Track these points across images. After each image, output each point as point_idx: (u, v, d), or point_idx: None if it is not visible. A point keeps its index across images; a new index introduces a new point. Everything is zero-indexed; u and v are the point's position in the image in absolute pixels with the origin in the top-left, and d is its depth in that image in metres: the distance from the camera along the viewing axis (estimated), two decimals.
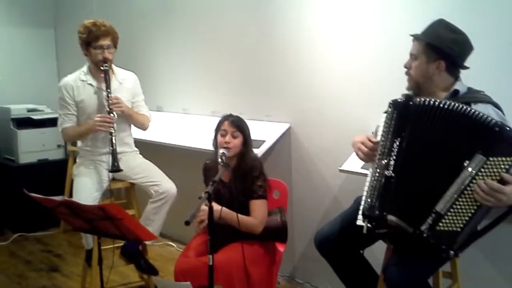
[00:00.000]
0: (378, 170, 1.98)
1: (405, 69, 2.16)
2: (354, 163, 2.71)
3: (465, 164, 1.80)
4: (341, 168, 2.73)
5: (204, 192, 2.04)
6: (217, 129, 2.61)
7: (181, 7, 3.95)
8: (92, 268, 2.99)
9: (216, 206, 2.37)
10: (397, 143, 1.94)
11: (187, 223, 1.85)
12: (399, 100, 2.03)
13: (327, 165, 3.15)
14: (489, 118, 1.80)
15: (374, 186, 1.97)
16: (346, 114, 3.03)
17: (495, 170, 1.76)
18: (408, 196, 1.92)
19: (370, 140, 2.12)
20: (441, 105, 1.88)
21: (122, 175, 3.05)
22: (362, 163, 2.65)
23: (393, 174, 1.93)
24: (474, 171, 1.78)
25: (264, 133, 3.28)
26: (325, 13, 3.05)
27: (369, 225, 1.95)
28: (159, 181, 3.04)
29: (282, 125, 3.31)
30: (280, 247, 2.76)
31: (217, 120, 3.63)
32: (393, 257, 2.03)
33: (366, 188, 2.04)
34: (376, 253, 2.43)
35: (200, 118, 3.85)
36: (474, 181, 1.78)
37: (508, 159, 1.75)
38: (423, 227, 1.84)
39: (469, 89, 2.09)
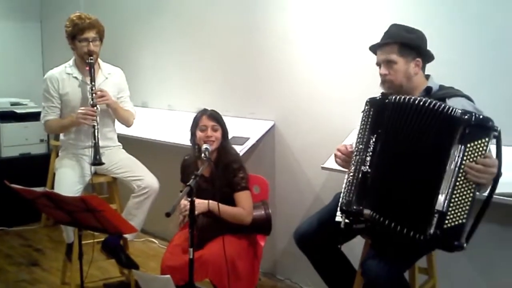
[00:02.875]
0: (354, 166, 2.01)
1: (382, 78, 2.17)
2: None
3: (447, 157, 1.82)
4: (323, 166, 2.75)
5: (185, 185, 2.05)
6: (195, 125, 2.63)
7: (168, 4, 3.97)
8: (72, 262, 2.98)
9: (201, 201, 2.41)
10: (373, 139, 1.98)
11: (168, 214, 1.86)
12: (376, 98, 2.07)
13: (310, 163, 3.18)
14: (457, 110, 1.85)
15: (352, 182, 2.00)
16: (330, 113, 3.07)
17: (476, 154, 1.80)
18: (389, 192, 1.94)
19: (347, 148, 2.17)
20: (416, 102, 1.91)
21: (104, 169, 3.05)
22: None
23: (369, 170, 1.96)
24: (458, 161, 1.81)
25: (248, 130, 3.30)
26: (310, 12, 3.08)
27: (346, 220, 1.98)
28: (141, 175, 3.04)
29: (266, 123, 3.34)
30: (261, 241, 2.79)
31: None
32: (370, 251, 2.06)
33: (344, 185, 2.07)
34: (355, 250, 2.47)
35: (185, 115, 3.84)
36: (461, 170, 1.80)
37: (483, 140, 1.80)
38: (432, 230, 1.82)
39: (441, 86, 2.15)
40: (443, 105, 1.87)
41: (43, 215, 4.45)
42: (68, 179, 2.93)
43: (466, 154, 1.81)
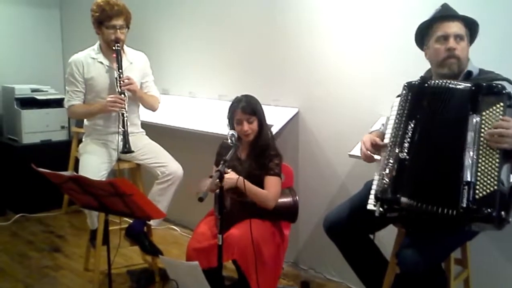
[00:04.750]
0: (390, 153, 1.95)
1: (447, 52, 2.05)
2: None
3: (466, 129, 1.83)
4: (350, 153, 2.70)
5: (215, 171, 2.02)
6: (231, 117, 2.62)
7: None
8: (96, 249, 2.97)
9: (233, 175, 2.42)
10: (412, 125, 1.93)
11: (201, 199, 1.83)
12: (414, 82, 2.00)
13: (335, 151, 3.13)
14: (468, 83, 1.86)
15: (387, 169, 1.94)
16: (355, 99, 3.01)
17: (493, 120, 1.81)
18: (423, 177, 1.89)
19: (374, 143, 2.12)
20: (456, 86, 1.87)
21: (128, 155, 3.01)
22: None
23: (407, 156, 1.91)
24: (476, 130, 1.81)
25: (272, 118, 3.24)
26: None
27: (381, 208, 1.92)
28: (165, 162, 3.02)
29: (290, 110, 3.28)
30: (286, 230, 2.77)
31: (223, 104, 3.64)
32: (405, 240, 2.00)
33: (378, 171, 2.02)
34: (384, 239, 2.42)
35: (207, 102, 3.82)
36: (482, 138, 1.80)
37: (498, 105, 1.81)
38: (463, 203, 1.77)
39: (481, 70, 2.09)
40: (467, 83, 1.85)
41: (65, 201, 4.46)
42: (93, 164, 2.91)
43: (483, 122, 1.81)
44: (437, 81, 1.93)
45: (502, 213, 1.74)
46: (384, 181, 1.94)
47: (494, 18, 2.37)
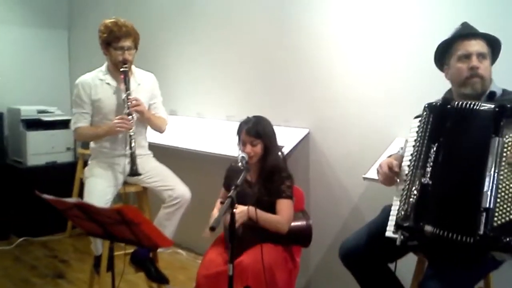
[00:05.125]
0: (411, 178, 1.87)
1: (470, 72, 1.97)
2: None
3: (488, 152, 1.74)
4: (365, 176, 2.60)
5: (228, 197, 1.94)
6: (239, 137, 2.57)
7: (198, 9, 3.87)
8: (100, 275, 2.88)
9: (241, 208, 2.33)
10: (434, 148, 1.83)
11: (213, 228, 1.74)
12: (435, 103, 1.92)
13: (348, 173, 3.05)
14: (491, 104, 1.77)
15: (409, 195, 1.85)
16: (369, 120, 2.93)
17: None
18: (446, 204, 1.80)
19: (391, 166, 2.03)
20: (479, 108, 1.80)
21: (135, 178, 2.95)
22: None
23: (430, 182, 1.81)
24: (498, 154, 1.72)
25: (282, 138, 3.15)
26: (347, 15, 2.96)
27: (402, 236, 1.82)
28: (173, 185, 2.95)
29: (301, 131, 3.21)
30: (297, 256, 2.67)
31: (231, 125, 3.58)
32: (428, 271, 1.90)
33: (399, 197, 1.93)
34: (403, 268, 2.30)
35: (215, 123, 3.75)
36: (503, 163, 1.71)
37: None
38: (481, 230, 1.69)
39: (504, 90, 2.01)
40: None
41: (69, 224, 4.38)
42: (99, 189, 2.84)
43: (506, 146, 1.72)
44: (460, 102, 1.84)
45: None
46: (405, 208, 1.84)
47: None
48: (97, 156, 3.03)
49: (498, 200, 1.69)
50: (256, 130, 2.50)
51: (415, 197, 1.83)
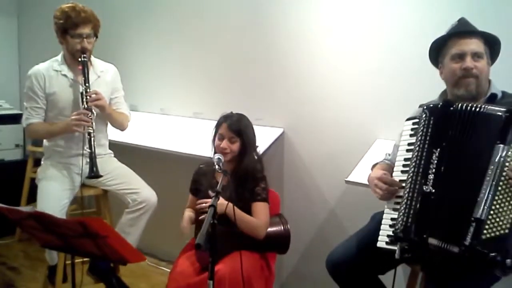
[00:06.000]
0: (412, 186, 1.73)
1: (464, 72, 1.85)
2: (360, 174, 2.46)
3: (489, 160, 1.62)
4: (347, 179, 2.45)
5: (209, 206, 1.74)
6: (216, 130, 2.40)
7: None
8: (56, 287, 2.64)
9: (222, 201, 2.15)
10: (437, 154, 1.69)
11: (199, 246, 1.52)
12: (436, 105, 1.79)
13: (324, 174, 2.92)
14: (499, 110, 1.65)
15: (409, 204, 1.71)
16: (347, 120, 2.81)
17: None
18: (446, 213, 1.67)
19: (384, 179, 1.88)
20: (486, 111, 1.67)
21: (95, 180, 2.69)
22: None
23: (432, 190, 1.67)
24: (500, 163, 1.60)
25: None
26: (324, 13, 2.81)
27: (401, 249, 1.68)
28: (137, 188, 2.73)
29: (275, 130, 3.05)
30: (272, 262, 2.52)
31: (199, 122, 3.37)
32: (429, 285, 1.76)
33: (391, 205, 1.82)
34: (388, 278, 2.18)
35: (181, 120, 3.52)
36: (504, 173, 1.59)
37: None
38: (467, 241, 1.58)
39: (504, 92, 1.90)
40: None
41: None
42: (54, 193, 2.59)
43: (509, 155, 1.60)
44: (463, 105, 1.71)
45: (508, 261, 1.54)
46: (405, 218, 1.70)
47: None
48: (51, 156, 2.76)
49: (492, 212, 1.58)
50: (238, 127, 2.36)
51: (416, 206, 1.70)
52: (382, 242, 1.80)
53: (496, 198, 1.58)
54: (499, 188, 1.59)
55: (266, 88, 3.10)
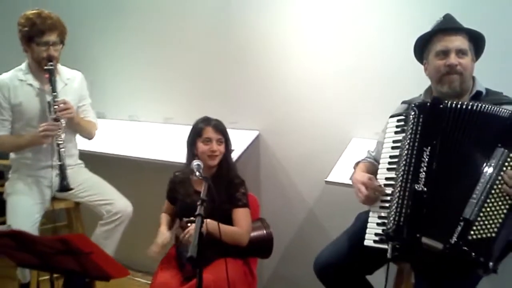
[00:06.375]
0: (403, 184, 1.71)
1: (447, 68, 1.84)
2: (340, 174, 2.45)
3: (487, 162, 1.61)
4: (327, 180, 2.44)
5: (196, 215, 1.68)
6: (196, 136, 2.34)
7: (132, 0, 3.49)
8: None
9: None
10: (427, 152, 1.68)
11: (191, 258, 1.46)
12: (425, 102, 1.79)
13: (302, 175, 2.91)
14: (504, 112, 1.64)
15: (400, 203, 1.69)
16: (322, 121, 2.81)
17: None
18: (438, 211, 1.66)
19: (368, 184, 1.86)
20: (475, 108, 1.66)
21: (66, 193, 2.58)
22: (351, 174, 2.40)
23: (424, 189, 1.66)
24: (498, 167, 1.59)
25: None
26: (297, 12, 2.78)
27: (393, 248, 1.66)
28: (111, 199, 2.65)
29: (250, 133, 3.00)
30: (254, 267, 2.49)
31: (171, 128, 3.28)
32: (421, 284, 1.76)
33: (378, 203, 1.80)
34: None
35: (151, 126, 3.43)
36: (499, 177, 1.58)
37: None
38: (453, 239, 1.58)
39: (487, 90, 1.90)
40: (498, 108, 1.64)
41: None
42: (24, 208, 2.47)
43: (509, 160, 1.59)
44: (453, 103, 1.71)
45: (490, 263, 1.55)
46: (396, 217, 1.69)
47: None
48: (19, 169, 2.63)
49: (481, 214, 1.58)
50: (223, 128, 2.35)
51: (408, 206, 1.68)
52: (369, 240, 1.78)
53: (488, 201, 1.58)
54: (492, 191, 1.58)
55: (239, 90, 3.05)
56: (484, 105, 1.66)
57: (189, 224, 2.13)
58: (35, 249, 1.64)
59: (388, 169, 1.82)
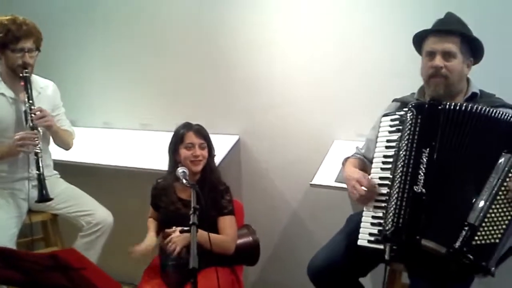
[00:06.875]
0: (402, 186, 1.71)
1: (432, 70, 1.84)
2: (324, 176, 2.45)
3: (491, 167, 1.62)
4: (312, 183, 2.43)
5: (190, 224, 1.65)
6: (178, 142, 2.29)
7: (104, 2, 3.37)
8: None
9: (184, 235, 2.07)
10: (426, 154, 1.69)
11: (194, 270, 1.42)
12: (423, 103, 1.79)
13: (284, 179, 2.92)
14: (507, 115, 1.66)
15: (399, 205, 1.70)
16: (303, 124, 2.81)
17: None
18: (439, 214, 1.67)
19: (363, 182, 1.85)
20: (474, 110, 1.68)
21: (43, 205, 2.49)
22: (335, 176, 2.41)
23: (423, 190, 1.66)
24: (504, 172, 1.60)
25: None
26: (277, 15, 2.76)
27: (390, 249, 1.67)
28: (91, 209, 2.58)
29: (230, 138, 2.97)
30: (240, 274, 2.47)
31: (148, 134, 3.21)
32: (417, 283, 1.76)
33: (372, 204, 1.80)
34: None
35: (127, 133, 3.35)
36: (505, 183, 1.60)
37: None
38: (457, 244, 1.59)
39: (481, 91, 1.92)
40: (500, 111, 1.66)
41: None
42: (1, 222, 2.37)
43: None
44: (452, 104, 1.72)
45: (492, 269, 1.58)
46: (395, 219, 1.69)
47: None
48: None
49: (486, 220, 1.59)
50: (205, 132, 2.32)
51: (406, 207, 1.69)
52: (363, 240, 1.79)
53: (493, 207, 1.59)
54: (498, 197, 1.59)
55: (217, 95, 3.01)
56: (484, 108, 1.68)
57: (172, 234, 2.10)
58: (22, 266, 1.56)
59: (382, 169, 1.82)
